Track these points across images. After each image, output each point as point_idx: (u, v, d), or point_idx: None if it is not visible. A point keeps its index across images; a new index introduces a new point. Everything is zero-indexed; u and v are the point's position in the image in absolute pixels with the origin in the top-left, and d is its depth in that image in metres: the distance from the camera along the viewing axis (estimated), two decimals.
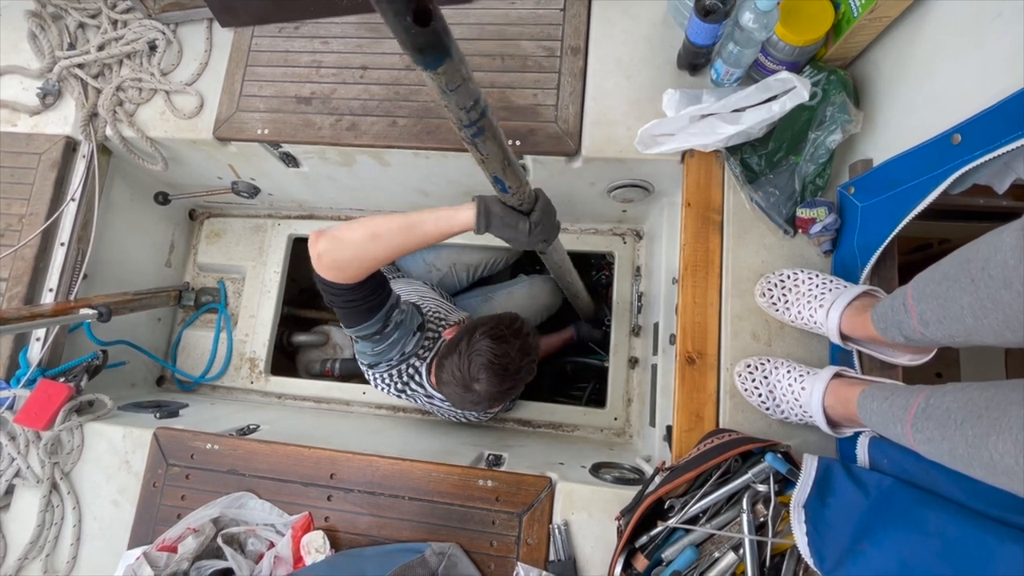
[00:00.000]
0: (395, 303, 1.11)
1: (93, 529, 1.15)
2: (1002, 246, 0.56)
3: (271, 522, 1.07)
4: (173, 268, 1.75)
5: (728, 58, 1.04)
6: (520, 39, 1.24)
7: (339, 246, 0.92)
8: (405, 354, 1.16)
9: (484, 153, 0.74)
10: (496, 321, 1.07)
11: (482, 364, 1.02)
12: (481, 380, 1.02)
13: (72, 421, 1.18)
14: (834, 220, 1.00)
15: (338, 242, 0.92)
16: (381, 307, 1.06)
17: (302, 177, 1.47)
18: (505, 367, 1.02)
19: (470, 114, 0.63)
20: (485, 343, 1.03)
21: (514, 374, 1.04)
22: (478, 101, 0.63)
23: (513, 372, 1.04)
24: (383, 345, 1.12)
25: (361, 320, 1.05)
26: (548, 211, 0.93)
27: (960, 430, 0.56)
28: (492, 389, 1.03)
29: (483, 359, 1.02)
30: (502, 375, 1.02)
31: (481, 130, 0.68)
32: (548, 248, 1.08)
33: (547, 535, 1.00)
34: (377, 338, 1.10)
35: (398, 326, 1.11)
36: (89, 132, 1.32)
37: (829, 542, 0.77)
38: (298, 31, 1.33)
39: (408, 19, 0.47)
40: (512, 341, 1.04)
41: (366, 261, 0.94)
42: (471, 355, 1.03)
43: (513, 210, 0.90)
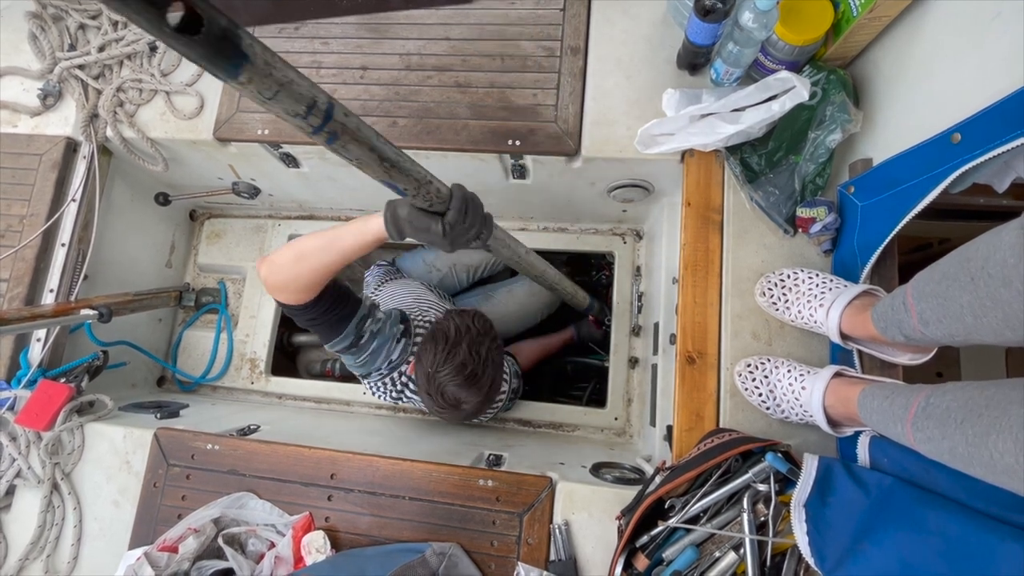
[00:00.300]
0: (367, 314, 1.10)
1: (94, 529, 1.15)
2: (1001, 245, 0.56)
3: (272, 522, 1.07)
4: (174, 269, 1.75)
5: (728, 58, 1.04)
6: (520, 39, 1.24)
7: (274, 270, 0.93)
8: (393, 362, 1.16)
9: (352, 157, 0.66)
10: (433, 348, 1.05)
11: (448, 391, 1.03)
12: (449, 385, 1.03)
13: (73, 422, 1.18)
14: (834, 219, 1.00)
15: (273, 266, 0.93)
16: (347, 320, 1.06)
17: (302, 177, 1.47)
18: (474, 374, 1.03)
19: (309, 120, 0.55)
20: (444, 374, 1.03)
21: (483, 370, 1.04)
22: (315, 104, 0.54)
23: (481, 370, 1.04)
24: (364, 356, 1.13)
25: (331, 335, 1.07)
26: (466, 207, 0.84)
27: (960, 429, 0.56)
28: (473, 398, 1.05)
29: (453, 387, 1.03)
30: (474, 383, 1.04)
31: (333, 135, 0.59)
32: (484, 245, 1.01)
33: (548, 535, 1.00)
34: (354, 350, 1.11)
35: (374, 336, 1.11)
36: (90, 133, 1.32)
37: (830, 541, 0.77)
38: (298, 32, 1.33)
39: (167, 28, 0.38)
40: (457, 350, 1.02)
41: (301, 281, 0.93)
42: (438, 389, 1.04)
43: (424, 212, 0.82)
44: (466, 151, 1.22)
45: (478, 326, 1.07)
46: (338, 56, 1.30)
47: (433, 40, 1.27)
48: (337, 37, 1.31)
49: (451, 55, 1.26)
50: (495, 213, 1.60)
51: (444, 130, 1.22)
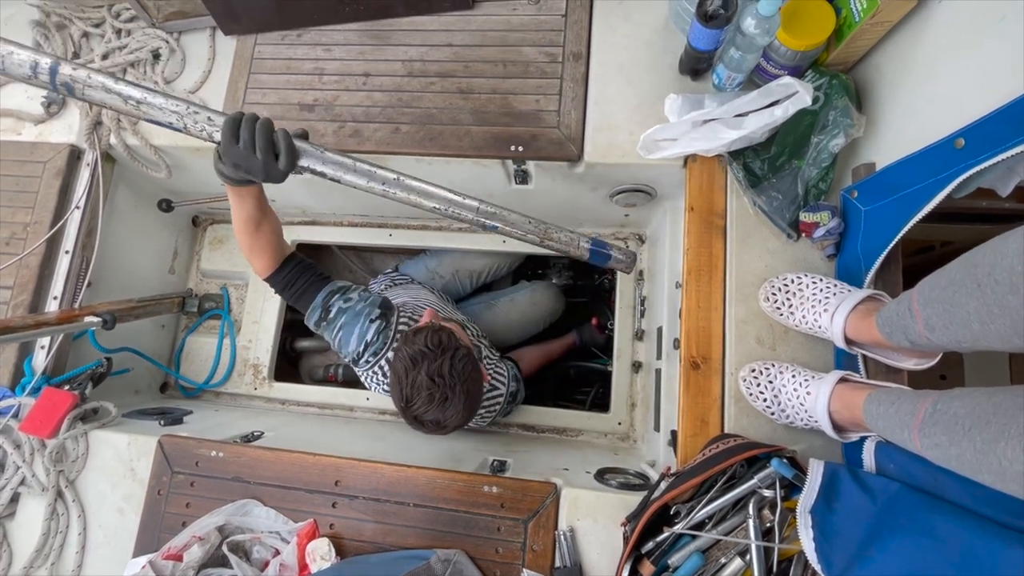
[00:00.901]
0: (337, 291, 1.16)
1: (98, 537, 1.15)
2: (1008, 251, 0.56)
3: (276, 529, 1.06)
4: (176, 275, 1.75)
5: (730, 63, 1.05)
6: (522, 45, 1.24)
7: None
8: (370, 344, 1.17)
9: (98, 101, 0.77)
10: (397, 385, 1.03)
11: (432, 415, 1.01)
12: (417, 404, 1.01)
13: (77, 429, 1.18)
14: (837, 224, 1.00)
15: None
16: (315, 293, 1.15)
17: (305, 183, 1.47)
18: (444, 396, 1.00)
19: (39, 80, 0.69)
20: (415, 407, 1.01)
21: (452, 388, 1.00)
22: (37, 66, 0.65)
23: (451, 390, 1.00)
24: (335, 332, 1.17)
25: (304, 306, 1.16)
26: (236, 130, 0.82)
27: (968, 436, 0.56)
28: (457, 413, 1.02)
29: (429, 415, 1.01)
30: (448, 403, 1.00)
31: (69, 88, 0.74)
32: (305, 171, 0.88)
33: (553, 541, 1.00)
34: (324, 324, 1.17)
35: (342, 312, 1.16)
36: (93, 140, 1.33)
37: (836, 548, 0.77)
38: (301, 38, 1.33)
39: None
40: (418, 380, 1.00)
41: (243, 240, 1.07)
42: (420, 421, 1.03)
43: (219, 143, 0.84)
44: (469, 157, 1.22)
45: (432, 346, 1.02)
46: (340, 63, 1.31)
47: (435, 47, 1.27)
48: (339, 44, 1.32)
49: (453, 61, 1.26)
50: None
51: (447, 136, 1.22)
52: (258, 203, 1.01)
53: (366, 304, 1.18)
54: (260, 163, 0.84)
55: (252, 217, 1.02)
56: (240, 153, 0.83)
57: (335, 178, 0.89)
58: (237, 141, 0.82)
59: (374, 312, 1.18)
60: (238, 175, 0.88)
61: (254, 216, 1.02)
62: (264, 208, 1.03)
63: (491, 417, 1.36)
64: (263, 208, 1.03)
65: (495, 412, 1.35)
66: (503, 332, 1.69)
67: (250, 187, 0.96)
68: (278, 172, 0.86)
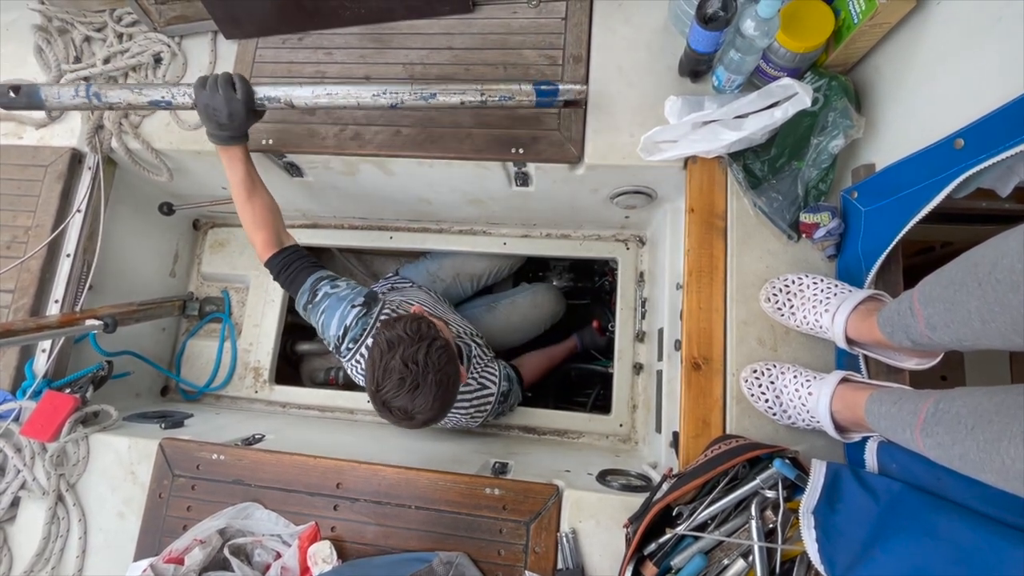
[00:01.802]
0: (326, 277, 1.22)
1: (99, 541, 1.15)
2: (1009, 250, 0.56)
3: (277, 532, 1.06)
4: (177, 278, 1.75)
5: (730, 65, 1.05)
6: (522, 48, 1.25)
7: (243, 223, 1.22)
8: (347, 328, 1.20)
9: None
10: (370, 367, 1.03)
11: (401, 401, 1.00)
12: (387, 390, 1.00)
13: (78, 432, 1.18)
14: (838, 225, 1.00)
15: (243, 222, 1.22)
16: (307, 276, 1.21)
17: (306, 187, 1.48)
18: (415, 384, 0.99)
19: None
20: (385, 391, 1.00)
21: (424, 377, 0.99)
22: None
23: (423, 378, 0.99)
24: (318, 314, 1.21)
25: (295, 288, 1.22)
26: (204, 85, 1.05)
27: (971, 435, 0.56)
28: (428, 405, 1.00)
29: (398, 400, 1.00)
30: (418, 392, 0.99)
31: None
32: (244, 97, 1.05)
33: (555, 543, 1.00)
34: (310, 307, 1.22)
35: (327, 296, 1.21)
36: (95, 144, 1.33)
37: (840, 548, 0.76)
38: (302, 42, 1.34)
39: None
40: (391, 364, 1.00)
41: (243, 212, 1.20)
42: (388, 408, 1.02)
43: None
44: (470, 159, 1.22)
45: (411, 332, 1.02)
46: (341, 66, 1.31)
47: (436, 50, 1.28)
48: (340, 47, 1.32)
49: (454, 64, 1.26)
50: (498, 220, 1.61)
51: (448, 139, 1.22)
52: (246, 168, 1.17)
53: (352, 292, 1.23)
54: (221, 97, 1.04)
55: (243, 182, 1.17)
56: (206, 94, 1.05)
57: (288, 100, 1.08)
58: (204, 93, 1.05)
59: (358, 299, 1.22)
60: (212, 120, 1.07)
61: (245, 181, 1.17)
62: (253, 176, 1.19)
63: (482, 417, 1.34)
64: (252, 175, 1.19)
65: (486, 412, 1.34)
66: (504, 334, 1.69)
67: (235, 148, 1.14)
68: (237, 102, 1.05)
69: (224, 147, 1.14)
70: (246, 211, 1.20)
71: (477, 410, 1.32)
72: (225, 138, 1.12)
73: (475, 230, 1.68)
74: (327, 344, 1.26)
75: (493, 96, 1.03)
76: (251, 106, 1.07)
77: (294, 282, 1.22)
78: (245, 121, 1.09)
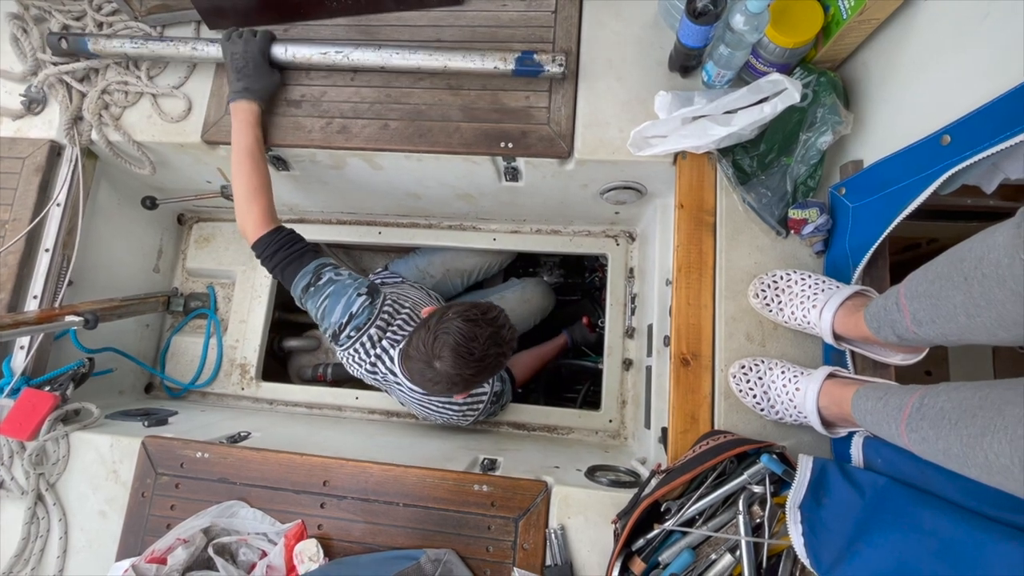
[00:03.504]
0: (329, 264, 1.18)
1: (80, 541, 1.13)
2: (995, 245, 0.56)
3: (263, 531, 1.05)
4: (161, 274, 1.72)
5: (719, 60, 1.05)
6: (512, 41, 1.23)
7: (236, 204, 1.18)
8: (352, 315, 1.14)
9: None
10: (471, 305, 1.05)
11: (447, 343, 0.99)
12: (443, 358, 0.99)
13: (58, 431, 1.15)
14: (826, 221, 1.00)
15: (236, 203, 1.18)
16: (308, 259, 1.16)
17: (293, 180, 1.45)
18: (470, 351, 0.99)
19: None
20: (456, 323, 1.00)
21: (478, 360, 1.00)
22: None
23: (477, 358, 1.00)
24: (319, 299, 1.15)
25: (295, 271, 1.15)
26: (227, 36, 1.22)
27: (955, 430, 0.56)
28: (452, 370, 1.00)
29: (450, 338, 0.99)
30: (466, 357, 0.99)
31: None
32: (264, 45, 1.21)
33: (543, 540, 1.00)
34: (312, 291, 1.15)
35: (332, 282, 1.16)
36: (74, 136, 1.30)
37: (825, 543, 0.77)
38: (287, 33, 1.31)
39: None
40: (483, 327, 1.01)
41: (241, 179, 1.16)
42: (438, 332, 1.00)
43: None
44: (458, 154, 1.21)
45: (507, 335, 1.05)
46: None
47: (424, 42, 1.26)
48: (327, 39, 1.30)
49: None
50: (487, 215, 1.60)
51: (436, 132, 1.21)
52: (255, 134, 1.18)
53: (355, 281, 1.18)
54: (241, 43, 1.19)
55: (248, 149, 1.17)
56: (229, 43, 1.20)
57: (305, 58, 1.22)
58: (228, 38, 1.19)
59: (362, 288, 1.18)
60: (232, 68, 1.18)
61: (251, 148, 1.17)
62: (260, 146, 1.19)
63: (474, 415, 1.34)
64: (259, 145, 1.19)
65: (478, 411, 1.33)
66: None
67: (248, 105, 1.18)
68: (254, 45, 1.19)
69: (238, 104, 1.18)
70: (243, 180, 1.15)
71: (470, 408, 1.32)
72: (240, 89, 1.17)
73: (465, 226, 1.67)
74: (324, 332, 1.19)
75: (474, 63, 1.15)
76: (267, 53, 1.19)
77: (292, 263, 1.15)
78: (261, 70, 1.18)
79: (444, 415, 1.30)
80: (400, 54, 1.18)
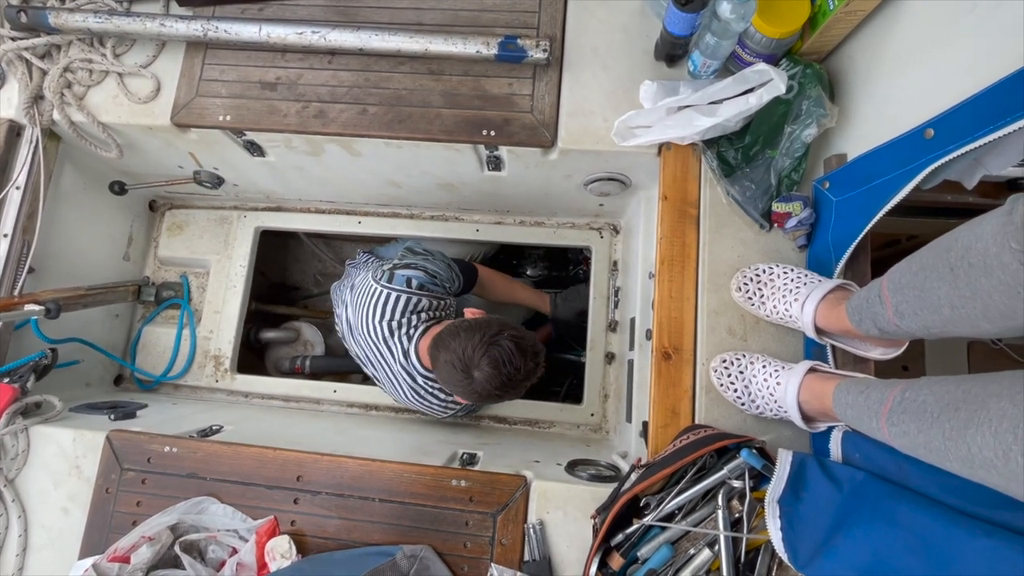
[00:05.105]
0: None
1: (41, 539, 1.08)
2: (983, 234, 0.55)
3: (234, 527, 1.02)
4: (132, 262, 1.66)
5: (705, 49, 1.03)
6: (495, 26, 1.20)
7: None
8: (427, 278, 1.24)
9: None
10: (526, 333, 1.09)
11: (493, 360, 1.02)
12: (483, 371, 1.02)
13: (16, 424, 1.10)
14: (809, 215, 1.00)
15: None
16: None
17: (268, 167, 1.41)
18: (510, 376, 1.03)
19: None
20: (508, 344, 1.03)
21: (512, 386, 1.05)
22: None
23: (512, 384, 1.05)
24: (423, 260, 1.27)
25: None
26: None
27: (937, 423, 0.56)
28: (486, 385, 1.03)
29: (499, 355, 1.02)
30: (503, 380, 1.03)
31: None
32: None
33: (522, 535, 0.98)
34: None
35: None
36: (34, 115, 1.24)
37: (803, 537, 0.77)
38: (262, 12, 1.26)
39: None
40: (529, 360, 1.05)
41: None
42: (489, 345, 1.03)
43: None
44: (439, 141, 1.18)
45: (539, 371, 1.09)
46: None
47: (404, 25, 1.22)
48: (304, 20, 1.25)
49: None
50: (470, 206, 1.57)
51: (416, 119, 1.17)
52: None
53: (433, 261, 1.30)
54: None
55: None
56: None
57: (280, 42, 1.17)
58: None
59: (436, 269, 1.27)
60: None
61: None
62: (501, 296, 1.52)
63: (457, 408, 1.31)
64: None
65: (457, 406, 1.30)
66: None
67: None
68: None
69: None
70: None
71: (451, 404, 1.29)
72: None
73: (447, 216, 1.64)
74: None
75: (455, 47, 1.11)
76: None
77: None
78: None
79: (426, 403, 1.27)
80: (379, 36, 1.13)
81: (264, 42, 1.18)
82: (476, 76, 1.18)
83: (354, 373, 1.76)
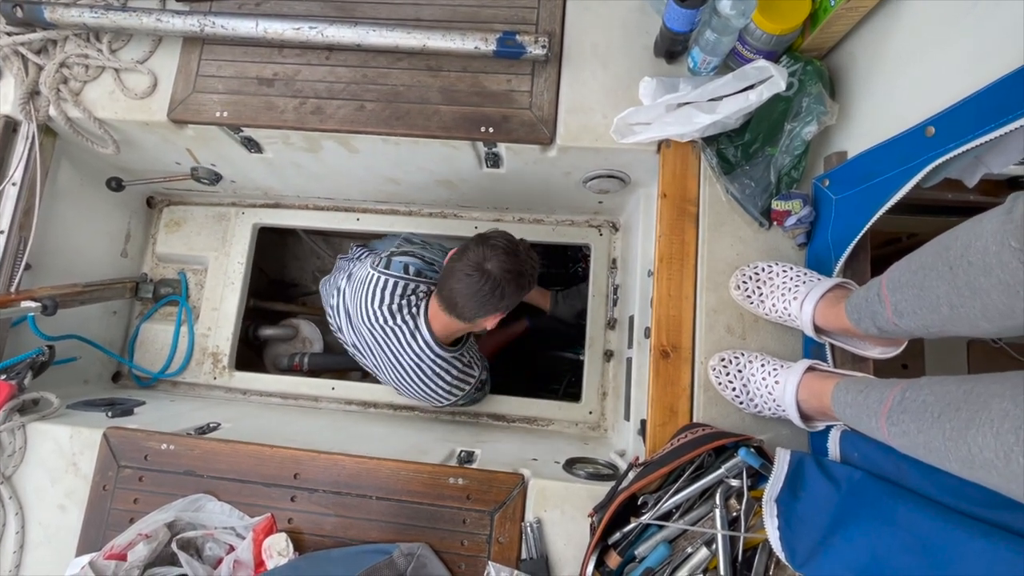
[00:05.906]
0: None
1: (38, 536, 1.08)
2: (982, 232, 0.55)
3: (231, 525, 1.02)
4: (130, 258, 1.66)
5: (705, 46, 1.02)
6: (494, 22, 1.19)
7: None
8: (424, 265, 1.28)
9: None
10: (502, 234, 1.17)
11: (496, 246, 1.11)
12: (495, 260, 1.09)
13: (14, 421, 1.10)
14: (809, 213, 0.99)
15: None
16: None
17: (266, 163, 1.40)
18: (516, 252, 1.12)
19: None
20: (501, 238, 1.13)
21: (522, 261, 1.13)
22: None
23: (522, 259, 1.13)
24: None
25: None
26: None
27: (937, 423, 0.55)
28: (504, 266, 1.09)
29: (499, 243, 1.11)
30: (512, 256, 1.11)
31: None
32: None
33: (519, 533, 0.98)
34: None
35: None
36: (30, 111, 1.23)
37: (801, 536, 0.76)
38: (259, 8, 1.25)
39: None
40: (522, 244, 1.16)
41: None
42: (488, 243, 1.12)
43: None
44: (437, 137, 1.17)
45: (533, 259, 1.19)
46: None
47: (402, 20, 1.21)
48: (301, 15, 1.24)
49: None
50: (469, 203, 1.57)
51: (414, 115, 1.17)
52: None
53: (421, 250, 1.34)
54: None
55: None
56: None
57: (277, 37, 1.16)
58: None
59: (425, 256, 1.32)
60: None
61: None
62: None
63: (458, 395, 1.30)
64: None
65: (463, 391, 1.30)
66: None
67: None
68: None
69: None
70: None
71: (455, 387, 1.28)
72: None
73: (446, 213, 1.63)
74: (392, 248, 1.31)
75: (454, 44, 1.12)
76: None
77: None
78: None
79: (429, 389, 1.26)
80: (377, 31, 1.12)
81: (261, 38, 1.17)
82: (474, 72, 1.17)
83: (353, 370, 1.76)
